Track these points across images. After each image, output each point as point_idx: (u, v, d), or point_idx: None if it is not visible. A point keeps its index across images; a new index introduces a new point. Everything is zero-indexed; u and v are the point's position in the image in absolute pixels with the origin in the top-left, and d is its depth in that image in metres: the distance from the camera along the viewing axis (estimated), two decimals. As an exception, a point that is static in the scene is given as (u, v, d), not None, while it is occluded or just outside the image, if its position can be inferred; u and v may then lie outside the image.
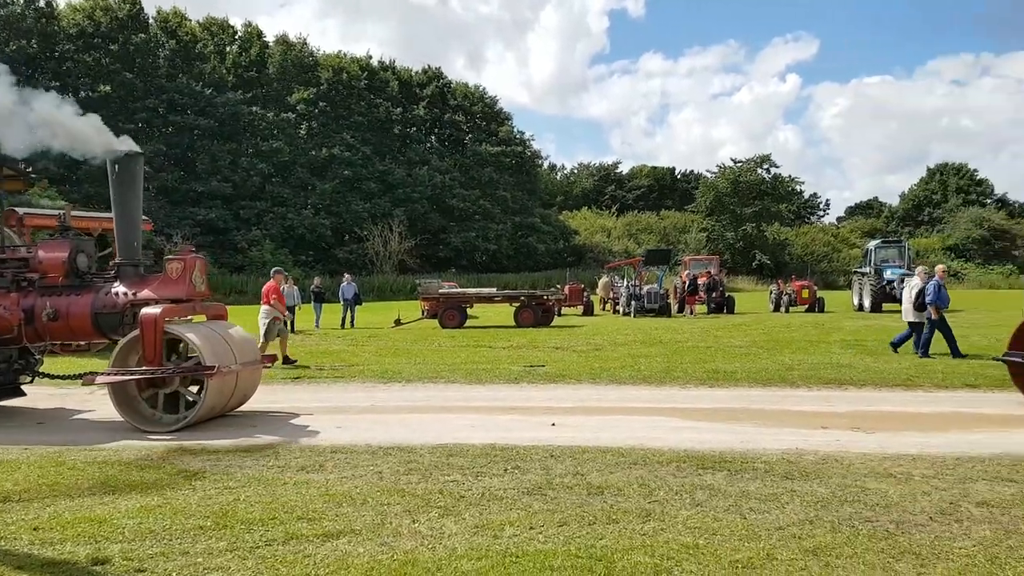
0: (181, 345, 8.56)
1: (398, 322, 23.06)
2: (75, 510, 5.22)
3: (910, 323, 13.91)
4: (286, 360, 13.37)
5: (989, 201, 73.22)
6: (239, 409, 9.13)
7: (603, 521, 4.85)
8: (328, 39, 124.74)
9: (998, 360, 9.54)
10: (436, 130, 66.78)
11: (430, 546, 4.44)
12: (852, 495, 5.37)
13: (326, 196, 56.14)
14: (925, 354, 13.22)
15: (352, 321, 23.69)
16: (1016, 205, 75.10)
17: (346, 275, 26.34)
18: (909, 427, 7.89)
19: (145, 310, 8.08)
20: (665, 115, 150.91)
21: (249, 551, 4.42)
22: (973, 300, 35.22)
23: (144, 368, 8.02)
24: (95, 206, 36.56)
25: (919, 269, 14.63)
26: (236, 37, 60.64)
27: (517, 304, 23.57)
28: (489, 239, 60.16)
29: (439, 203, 60.18)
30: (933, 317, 13.19)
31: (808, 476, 5.89)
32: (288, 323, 21.37)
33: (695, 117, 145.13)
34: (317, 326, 22.91)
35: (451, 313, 22.81)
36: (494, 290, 28.48)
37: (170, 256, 8.82)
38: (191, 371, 8.02)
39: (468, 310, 24.09)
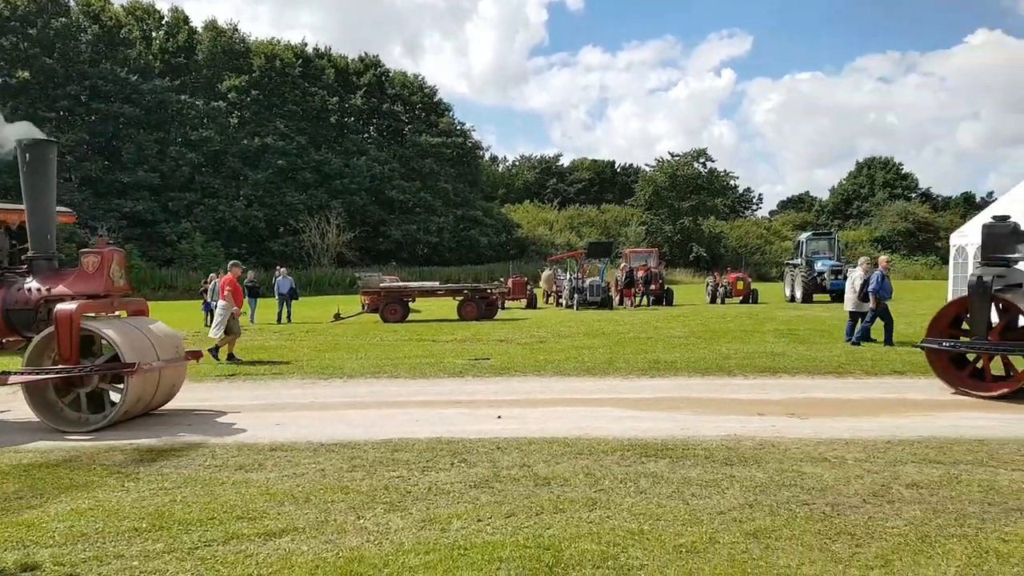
0: (100, 342, 8.23)
1: (337, 316, 22.72)
2: (1, 515, 4.97)
3: (851, 312, 14.38)
4: (229, 357, 13.12)
5: (914, 195, 76.37)
6: (173, 407, 8.85)
7: (550, 511, 4.88)
8: (260, 25, 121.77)
9: (917, 347, 9.97)
10: (374, 120, 65.80)
11: (376, 542, 4.38)
12: (789, 479, 5.53)
13: (259, 187, 54.73)
14: (857, 343, 13.70)
15: (288, 316, 23.21)
16: (939, 199, 78.64)
17: (281, 268, 25.77)
18: (841, 413, 8.18)
19: (60, 306, 7.73)
20: (604, 109, 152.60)
21: (187, 552, 4.29)
22: (899, 290, 36.64)
23: (59, 367, 7.68)
24: (13, 197, 34.72)
25: (862, 260, 15.11)
26: (163, 22, 58.52)
27: (460, 297, 23.47)
28: (431, 232, 59.69)
29: (378, 195, 59.39)
30: (873, 306, 13.66)
31: (746, 462, 6.05)
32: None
33: (633, 111, 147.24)
34: (252, 321, 22.32)
35: (393, 307, 22.57)
36: (437, 283, 28.29)
37: (86, 250, 8.39)
38: (109, 369, 7.72)
39: (410, 304, 23.89)
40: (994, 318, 9.55)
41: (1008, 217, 9.84)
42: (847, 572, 3.87)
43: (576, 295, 26.68)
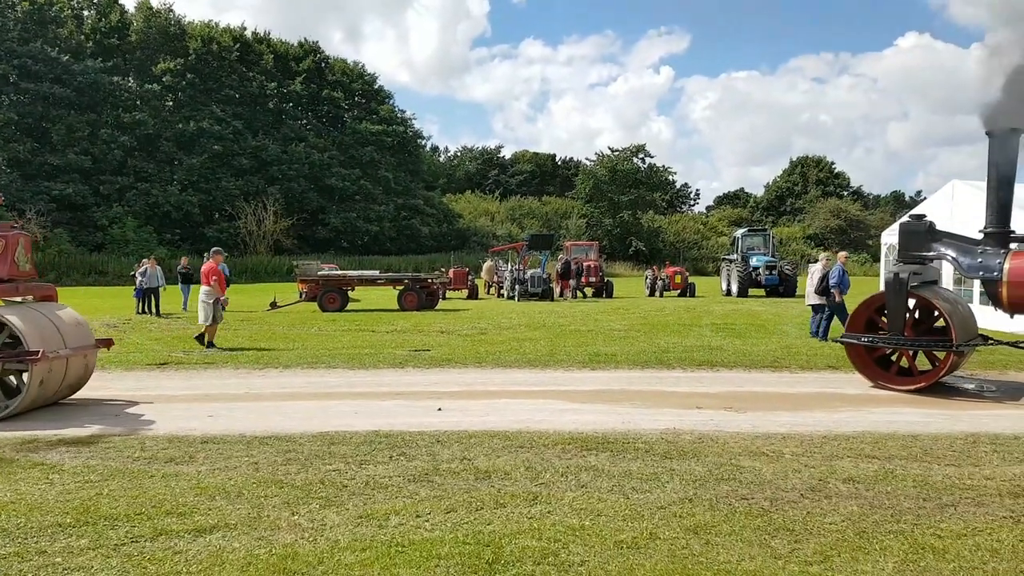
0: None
1: (274, 305, 22.18)
2: None
3: (812, 306, 14.65)
4: (209, 344, 12.87)
5: (845, 193, 79.16)
6: (100, 397, 8.47)
7: (491, 506, 4.80)
8: (196, 7, 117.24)
9: (836, 341, 10.22)
10: (313, 106, 64.46)
11: (311, 539, 4.22)
12: (728, 473, 5.57)
13: (194, 172, 53.08)
14: (824, 337, 13.80)
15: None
16: (870, 197, 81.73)
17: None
18: (778, 407, 8.33)
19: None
20: (545, 102, 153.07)
21: (114, 549, 4.08)
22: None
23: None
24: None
25: (822, 255, 15.47)
26: (94, 2, 55.92)
27: (401, 287, 23.17)
28: (371, 220, 58.89)
29: (317, 182, 58.26)
30: (837, 300, 13.97)
31: (686, 455, 6.08)
32: (154, 306, 20.14)
33: (574, 105, 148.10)
34: (184, 309, 21.60)
35: (332, 296, 22.11)
36: (377, 272, 27.85)
37: None
38: (12, 357, 7.31)
39: (350, 293, 23.47)
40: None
41: (923, 216, 10.21)
42: (786, 568, 3.89)
43: (517, 286, 26.69)
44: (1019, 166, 9.56)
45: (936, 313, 9.46)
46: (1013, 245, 9.37)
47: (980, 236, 9.60)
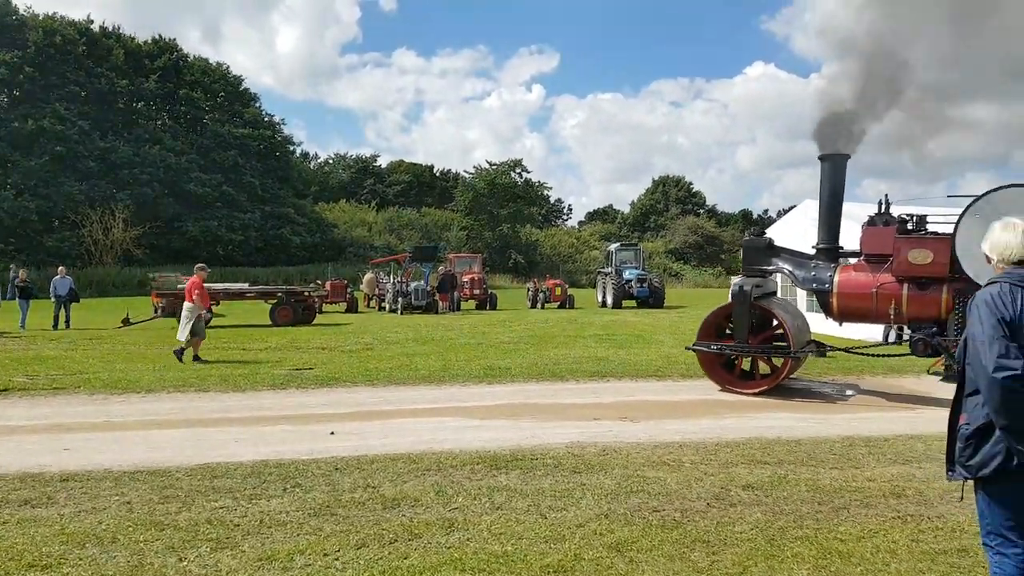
0: None
1: (127, 322, 20.41)
2: None
3: None
4: (195, 358, 12.97)
5: (702, 211, 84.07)
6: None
7: (404, 537, 4.49)
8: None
9: (688, 349, 10.72)
10: (170, 107, 60.41)
11: (206, 589, 3.74)
12: (636, 485, 5.56)
13: (32, 175, 48.11)
14: None
15: (67, 321, 20.39)
16: (723, 215, 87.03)
17: (60, 268, 22.76)
18: (669, 415, 8.52)
19: None
20: (420, 112, 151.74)
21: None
22: (690, 298, 40.02)
23: None
24: None
25: None
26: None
27: (273, 301, 22.00)
28: (235, 229, 55.79)
29: (173, 187, 54.43)
30: None
31: (593, 469, 6.03)
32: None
33: (449, 117, 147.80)
34: (22, 327, 19.45)
35: (195, 311, 20.64)
36: (246, 285, 26.37)
37: None
38: None
39: (214, 308, 22.01)
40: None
41: (764, 232, 11.09)
42: (712, 581, 3.88)
43: (400, 299, 26.12)
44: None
45: (776, 322, 10.18)
46: (842, 260, 10.29)
47: (813, 251, 10.47)
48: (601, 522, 4.75)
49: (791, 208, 19.61)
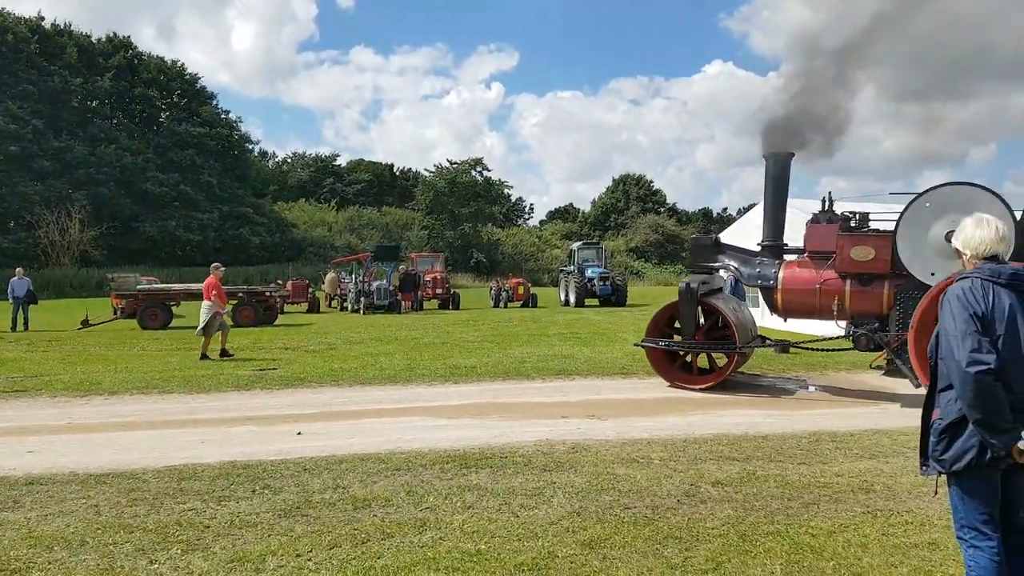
0: None
1: (86, 323, 20.03)
2: None
3: None
4: (223, 353, 13.33)
5: (663, 209, 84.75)
6: None
7: (377, 537, 4.49)
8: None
9: (636, 345, 10.92)
10: (125, 105, 59.26)
11: (178, 593, 3.71)
12: (606, 483, 5.62)
13: (-15, 175, 46.81)
14: None
15: (25, 323, 19.96)
16: (683, 213, 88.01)
17: (17, 269, 22.17)
18: (635, 412, 8.63)
19: None
20: (379, 111, 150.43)
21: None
22: (651, 295, 40.46)
23: None
24: None
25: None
26: None
27: (235, 301, 21.69)
28: (192, 229, 54.83)
29: (130, 187, 53.40)
30: None
31: (563, 467, 6.09)
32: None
33: (407, 115, 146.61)
34: (-23, 329, 18.93)
35: (153, 312, 20.36)
36: (205, 286, 25.89)
37: None
38: None
39: (174, 309, 21.65)
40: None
41: (711, 231, 11.31)
42: (685, 577, 3.95)
43: (363, 299, 25.95)
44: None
45: (722, 318, 10.40)
46: (787, 256, 10.54)
47: (759, 248, 10.73)
48: (573, 520, 4.80)
49: (751, 206, 19.94)
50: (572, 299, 31.12)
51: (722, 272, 11.04)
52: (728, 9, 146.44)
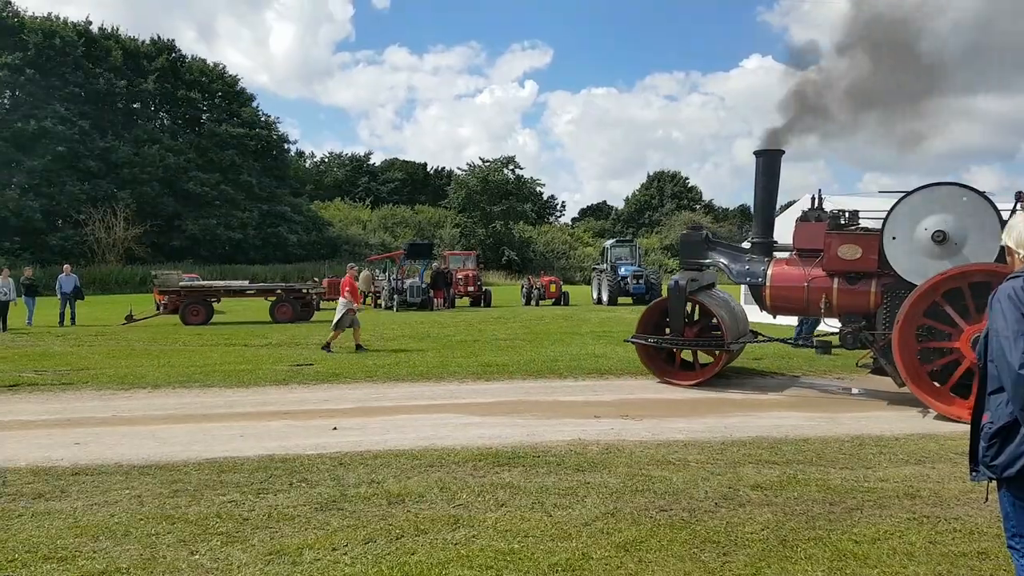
0: None
1: (130, 318, 20.52)
2: None
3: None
4: (358, 347, 13.96)
5: (698, 206, 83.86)
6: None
7: (411, 533, 4.52)
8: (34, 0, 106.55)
9: (627, 342, 10.90)
10: (168, 107, 60.77)
11: (218, 583, 3.78)
12: (641, 484, 5.54)
13: (35, 175, 48.47)
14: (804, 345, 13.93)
15: (73, 318, 20.57)
16: (720, 210, 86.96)
17: (65, 266, 22.85)
18: (671, 413, 8.51)
19: None
20: (412, 110, 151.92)
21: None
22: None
23: None
24: None
25: None
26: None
27: (273, 298, 22.05)
28: (233, 227, 55.99)
29: (172, 186, 54.76)
30: None
31: (597, 467, 6.04)
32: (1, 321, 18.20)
33: (441, 114, 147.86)
34: (29, 323, 19.57)
35: (195, 308, 20.74)
36: (246, 283, 26.41)
37: None
38: None
39: (215, 305, 22.08)
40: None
41: (701, 227, 11.29)
42: (723, 581, 3.88)
43: (396, 296, 26.16)
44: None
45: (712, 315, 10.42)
46: (776, 253, 10.47)
47: (748, 245, 10.70)
48: (607, 521, 4.75)
49: (790, 203, 19.55)
50: (605, 297, 30.95)
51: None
52: (767, 3, 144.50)
